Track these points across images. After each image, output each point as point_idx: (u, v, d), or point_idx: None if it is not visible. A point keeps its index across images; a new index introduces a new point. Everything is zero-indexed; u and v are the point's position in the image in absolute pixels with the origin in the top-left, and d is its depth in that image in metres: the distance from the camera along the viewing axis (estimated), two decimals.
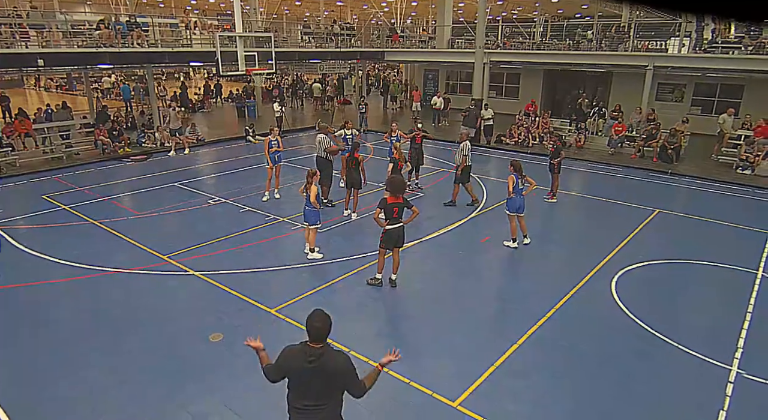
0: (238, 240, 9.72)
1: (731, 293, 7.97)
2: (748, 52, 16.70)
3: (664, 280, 8.46)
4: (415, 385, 5.66)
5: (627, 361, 6.25)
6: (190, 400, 5.44)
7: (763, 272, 8.60)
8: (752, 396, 5.60)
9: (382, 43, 26.30)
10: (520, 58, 21.80)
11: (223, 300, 7.51)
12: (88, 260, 8.76)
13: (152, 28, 17.61)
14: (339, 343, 6.28)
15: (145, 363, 6.08)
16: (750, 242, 9.92)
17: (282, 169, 12.60)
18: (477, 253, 9.45)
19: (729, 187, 13.81)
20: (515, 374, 5.92)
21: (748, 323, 7.04)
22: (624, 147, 17.34)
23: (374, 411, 5.28)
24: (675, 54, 18.55)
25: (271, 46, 15.76)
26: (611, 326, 7.00)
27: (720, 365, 6.10)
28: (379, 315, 7.33)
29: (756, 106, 18.49)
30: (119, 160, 16.22)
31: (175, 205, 11.75)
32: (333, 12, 42.81)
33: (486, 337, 6.73)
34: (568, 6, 39.50)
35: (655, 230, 10.59)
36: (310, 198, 8.47)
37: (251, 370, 5.91)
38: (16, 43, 14.68)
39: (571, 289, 7.95)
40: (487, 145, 18.84)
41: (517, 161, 9.34)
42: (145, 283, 8.08)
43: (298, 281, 8.13)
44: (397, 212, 7.50)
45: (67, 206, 11.64)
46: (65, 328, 6.87)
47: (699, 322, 7.22)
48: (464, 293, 7.92)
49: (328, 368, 3.34)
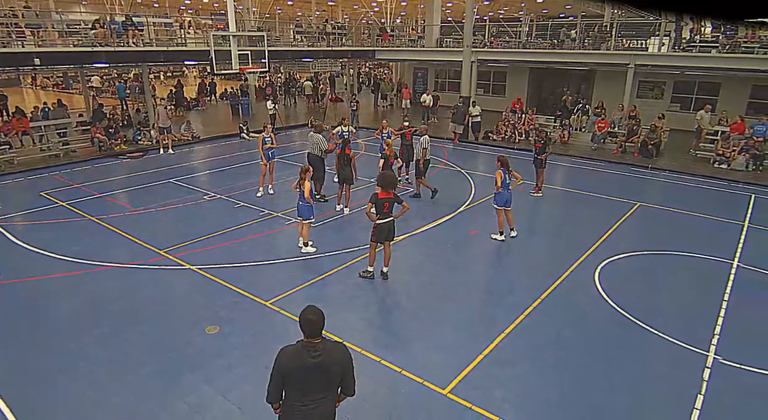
0: (233, 235, 9.67)
1: (708, 282, 8.07)
2: (725, 51, 16.82)
3: (644, 271, 8.54)
4: (406, 374, 5.68)
5: (609, 348, 6.31)
6: (188, 390, 5.42)
7: (739, 262, 8.71)
8: (728, 380, 5.68)
9: (373, 42, 26.19)
10: (507, 56, 21.81)
11: (218, 293, 7.47)
12: (85, 255, 8.68)
13: (147, 28, 17.40)
14: (332, 334, 6.27)
15: (143, 355, 6.04)
16: (726, 234, 10.04)
17: (276, 165, 12.54)
18: (466, 246, 9.48)
19: (706, 180, 13.94)
20: (503, 363, 5.95)
21: (724, 311, 7.13)
22: (606, 143, 17.44)
23: (367, 399, 5.29)
24: (655, 53, 18.65)
25: (264, 45, 15.65)
26: (594, 315, 7.06)
27: (698, 351, 6.18)
28: (371, 306, 7.34)
29: (732, 103, 18.69)
30: (115, 158, 16.05)
31: (170, 201, 11.67)
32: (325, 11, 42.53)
33: (475, 327, 6.75)
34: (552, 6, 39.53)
35: (637, 223, 10.68)
36: (304, 194, 8.44)
37: (247, 361, 5.92)
38: (12, 43, 14.46)
39: (556, 279, 8.00)
40: (475, 141, 18.88)
41: (504, 157, 9.35)
42: (143, 278, 8.02)
43: (292, 274, 8.11)
44: (388, 207, 7.49)
45: (64, 203, 11.52)
46: (64, 322, 6.81)
47: (678, 310, 7.29)
48: (453, 285, 7.94)
49: (329, 360, 3.30)
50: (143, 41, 16.68)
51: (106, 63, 15.95)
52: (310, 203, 8.53)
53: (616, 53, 18.72)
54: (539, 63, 21.74)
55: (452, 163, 15.60)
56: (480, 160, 16.69)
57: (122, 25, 16.09)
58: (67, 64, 17.07)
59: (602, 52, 19.29)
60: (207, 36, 15.70)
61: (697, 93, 20.38)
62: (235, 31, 14.41)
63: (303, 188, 8.43)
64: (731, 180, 13.86)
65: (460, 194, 12.29)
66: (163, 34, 18.74)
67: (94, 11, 32.51)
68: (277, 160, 13.19)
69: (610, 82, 20.72)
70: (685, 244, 9.44)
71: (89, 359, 5.97)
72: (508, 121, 19.33)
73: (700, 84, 20.17)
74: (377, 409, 5.20)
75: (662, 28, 18.94)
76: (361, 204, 10.98)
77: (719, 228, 10.43)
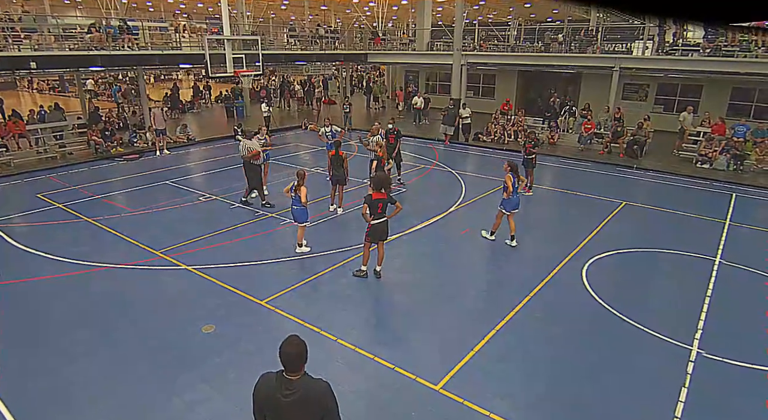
0: (229, 235, 9.62)
1: (692, 279, 8.14)
2: (706, 54, 16.98)
3: (630, 268, 8.60)
4: (399, 370, 5.68)
5: (596, 343, 6.35)
6: (184, 388, 5.38)
7: (721, 259, 8.80)
8: (711, 373, 5.74)
9: (365, 45, 26.17)
10: (496, 59, 21.86)
11: (214, 293, 7.43)
12: (82, 256, 8.61)
13: (142, 32, 17.27)
14: (327, 333, 6.27)
15: (140, 354, 6.00)
16: (708, 231, 10.13)
17: (270, 166, 12.48)
18: (457, 245, 9.49)
19: (689, 180, 14.06)
20: (494, 358, 5.97)
21: (707, 306, 7.20)
22: (593, 144, 17.55)
23: (361, 395, 5.29)
24: (639, 56, 18.79)
25: (259, 49, 15.58)
26: (582, 311, 7.10)
27: (682, 346, 6.23)
28: (364, 305, 7.33)
29: (713, 105, 18.86)
30: (112, 160, 15.91)
31: (166, 203, 11.59)
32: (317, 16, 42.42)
33: (466, 323, 6.77)
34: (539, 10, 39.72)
35: (622, 221, 10.75)
36: (301, 198, 8.39)
37: (243, 360, 5.89)
38: (8, 46, 14.30)
39: (545, 276, 8.04)
40: (465, 143, 18.92)
41: (513, 161, 9.16)
42: (139, 278, 7.96)
43: (287, 274, 8.08)
44: (382, 207, 7.49)
45: (61, 205, 11.40)
46: (61, 323, 6.74)
47: (662, 306, 7.36)
48: (445, 282, 7.96)
49: (306, 400, 2.86)
50: (138, 45, 16.56)
51: (102, 66, 15.79)
52: (305, 207, 8.50)
53: (602, 56, 18.82)
54: (527, 66, 21.82)
55: (443, 163, 15.62)
56: (470, 161, 16.72)
57: (118, 29, 15.96)
58: (63, 68, 16.88)
59: (588, 55, 19.39)
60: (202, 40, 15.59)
61: (680, 95, 20.55)
62: (229, 35, 14.35)
63: (299, 193, 8.38)
64: (713, 179, 13.99)
65: (450, 194, 12.30)
66: (159, 38, 18.62)
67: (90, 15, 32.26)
68: (272, 162, 13.13)
69: (597, 84, 20.83)
70: (669, 241, 9.52)
71: (85, 358, 5.92)
72: (497, 123, 19.40)
73: (682, 86, 20.34)
74: (371, 405, 5.20)
75: (646, 32, 19.07)
76: (354, 204, 10.97)
77: (702, 226, 10.52)
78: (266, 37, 23.21)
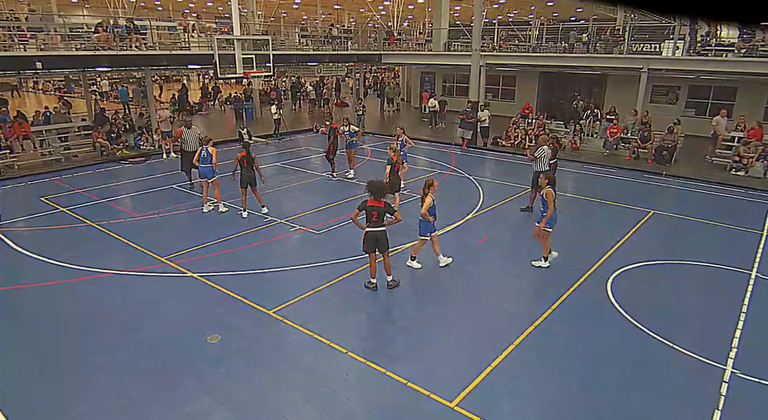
0: (236, 242, 9.69)
1: (725, 293, 7.98)
2: (741, 54, 16.76)
3: (659, 281, 8.47)
4: (412, 386, 5.64)
5: (622, 361, 6.25)
6: (188, 399, 5.41)
7: (757, 273, 8.62)
8: (746, 395, 5.60)
9: (379, 46, 26.32)
10: (516, 60, 21.82)
11: (220, 301, 7.48)
12: (86, 262, 8.73)
13: (150, 31, 17.58)
14: (336, 344, 6.27)
15: (144, 363, 6.05)
16: (743, 243, 9.94)
17: (277, 171, 12.56)
18: (474, 254, 9.44)
19: (722, 188, 13.84)
20: (512, 375, 5.91)
21: (742, 323, 7.04)
22: (619, 149, 17.39)
23: (371, 411, 5.27)
24: (669, 56, 18.58)
25: (269, 49, 15.75)
26: (607, 327, 6.99)
27: (715, 365, 6.10)
28: (376, 316, 7.31)
29: (749, 108, 18.57)
30: (117, 163, 16.17)
31: (172, 207, 11.72)
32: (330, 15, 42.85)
33: (483, 337, 6.71)
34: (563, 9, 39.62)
35: (651, 231, 10.60)
36: (422, 209, 8.16)
37: (248, 370, 5.91)
38: (14, 46, 14.65)
39: (568, 289, 7.95)
40: (483, 147, 18.86)
41: (551, 174, 8.83)
42: (144, 285, 8.05)
43: (296, 283, 8.10)
44: (376, 216, 7.43)
45: (65, 208, 11.60)
46: (63, 330, 6.84)
47: (694, 322, 7.22)
48: (461, 294, 7.91)
49: None
50: (146, 45, 16.85)
51: (109, 67, 16.11)
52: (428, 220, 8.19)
53: (629, 57, 18.69)
54: (549, 67, 21.74)
55: (460, 169, 15.58)
56: (488, 166, 16.66)
57: (125, 29, 16.27)
58: (70, 68, 17.24)
59: (614, 55, 19.27)
60: (211, 40, 15.83)
61: (712, 98, 20.30)
62: (239, 34, 14.54)
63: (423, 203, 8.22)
64: (748, 187, 13.75)
65: (468, 201, 12.26)
66: (167, 38, 18.93)
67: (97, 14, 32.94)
68: (280, 165, 13.23)
69: (623, 86, 20.67)
70: (702, 253, 9.36)
71: (88, 367, 5.99)
72: (518, 127, 19.32)
73: (715, 88, 20.09)
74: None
75: (676, 31, 18.90)
76: None
77: (736, 237, 10.33)
78: (277, 37, 23.46)
